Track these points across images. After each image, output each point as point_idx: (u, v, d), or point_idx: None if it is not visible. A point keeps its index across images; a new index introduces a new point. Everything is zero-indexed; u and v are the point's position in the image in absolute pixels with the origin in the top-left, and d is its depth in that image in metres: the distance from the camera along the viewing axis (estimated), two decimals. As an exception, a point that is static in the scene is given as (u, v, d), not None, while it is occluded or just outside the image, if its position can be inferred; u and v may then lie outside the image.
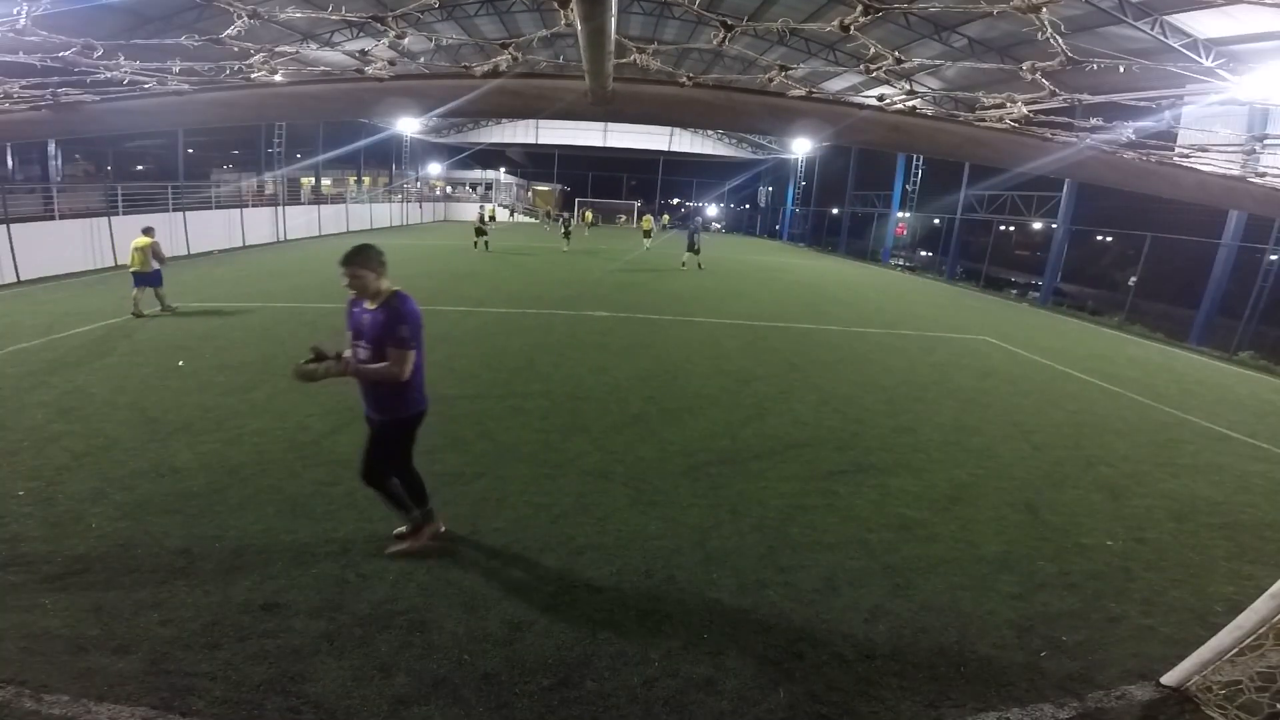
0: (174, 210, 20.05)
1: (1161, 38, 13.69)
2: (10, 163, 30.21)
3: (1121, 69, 2.51)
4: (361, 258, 3.56)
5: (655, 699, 3.06)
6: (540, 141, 46.88)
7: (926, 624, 3.77)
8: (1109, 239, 26.86)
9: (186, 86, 2.21)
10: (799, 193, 45.21)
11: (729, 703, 3.07)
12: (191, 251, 19.52)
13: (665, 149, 47.45)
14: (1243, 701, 3.07)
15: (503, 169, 52.00)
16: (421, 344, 3.75)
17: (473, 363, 8.60)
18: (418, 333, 3.68)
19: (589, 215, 42.23)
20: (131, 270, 10.64)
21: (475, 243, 24.17)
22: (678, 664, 3.30)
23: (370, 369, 3.62)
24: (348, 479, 5.08)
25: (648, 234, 29.25)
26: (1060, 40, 1.66)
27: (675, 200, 55.88)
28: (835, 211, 39.97)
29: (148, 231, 10.91)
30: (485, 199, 47.05)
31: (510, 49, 1.95)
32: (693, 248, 21.81)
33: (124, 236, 16.67)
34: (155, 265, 10.77)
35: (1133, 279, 19.22)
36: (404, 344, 3.57)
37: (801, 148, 41.25)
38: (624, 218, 50.90)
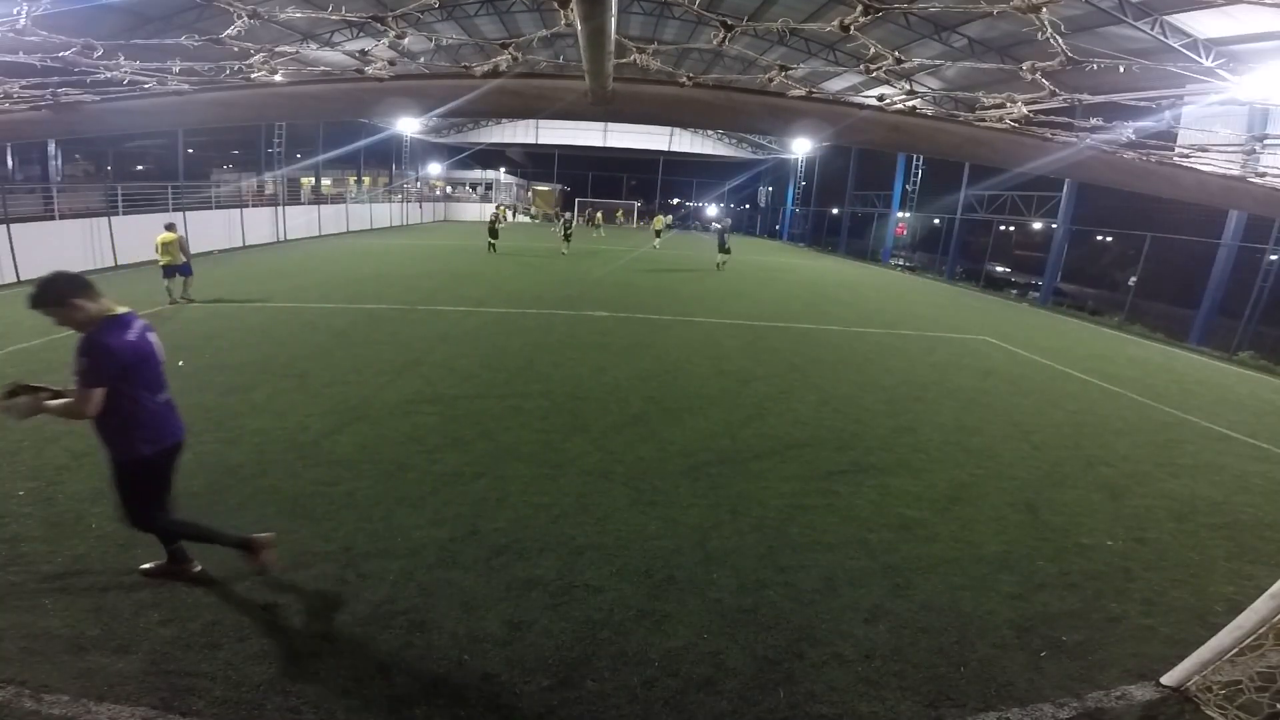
0: (174, 210, 20.02)
1: (1161, 38, 13.70)
2: (10, 163, 30.22)
3: (1121, 69, 2.51)
4: (50, 295, 3.03)
5: (655, 699, 3.07)
6: (540, 141, 46.88)
7: (926, 624, 3.77)
8: (1109, 239, 26.85)
9: (186, 86, 2.21)
10: (799, 193, 45.23)
11: (729, 703, 3.07)
12: (191, 251, 19.44)
13: (665, 149, 47.46)
14: (1243, 701, 3.07)
15: (503, 169, 51.97)
16: (135, 381, 3.21)
17: (473, 363, 8.60)
18: (104, 367, 3.06)
19: (599, 216, 39.52)
20: (162, 264, 11.64)
21: (491, 245, 23.38)
22: (678, 664, 3.30)
23: (54, 405, 3.08)
24: (348, 479, 5.09)
25: (659, 233, 31.22)
26: (1060, 40, 1.66)
27: (675, 200, 55.86)
28: (835, 211, 39.98)
29: (171, 227, 11.87)
30: (486, 199, 47.06)
31: (510, 49, 1.95)
32: (724, 248, 22.35)
33: (124, 236, 16.74)
34: (184, 258, 11.81)
35: (1133, 279, 19.22)
36: (81, 379, 3.02)
37: (801, 148, 41.25)
38: (622, 217, 50.79)
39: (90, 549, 3.96)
